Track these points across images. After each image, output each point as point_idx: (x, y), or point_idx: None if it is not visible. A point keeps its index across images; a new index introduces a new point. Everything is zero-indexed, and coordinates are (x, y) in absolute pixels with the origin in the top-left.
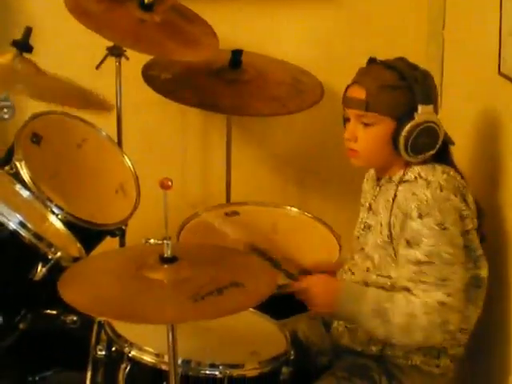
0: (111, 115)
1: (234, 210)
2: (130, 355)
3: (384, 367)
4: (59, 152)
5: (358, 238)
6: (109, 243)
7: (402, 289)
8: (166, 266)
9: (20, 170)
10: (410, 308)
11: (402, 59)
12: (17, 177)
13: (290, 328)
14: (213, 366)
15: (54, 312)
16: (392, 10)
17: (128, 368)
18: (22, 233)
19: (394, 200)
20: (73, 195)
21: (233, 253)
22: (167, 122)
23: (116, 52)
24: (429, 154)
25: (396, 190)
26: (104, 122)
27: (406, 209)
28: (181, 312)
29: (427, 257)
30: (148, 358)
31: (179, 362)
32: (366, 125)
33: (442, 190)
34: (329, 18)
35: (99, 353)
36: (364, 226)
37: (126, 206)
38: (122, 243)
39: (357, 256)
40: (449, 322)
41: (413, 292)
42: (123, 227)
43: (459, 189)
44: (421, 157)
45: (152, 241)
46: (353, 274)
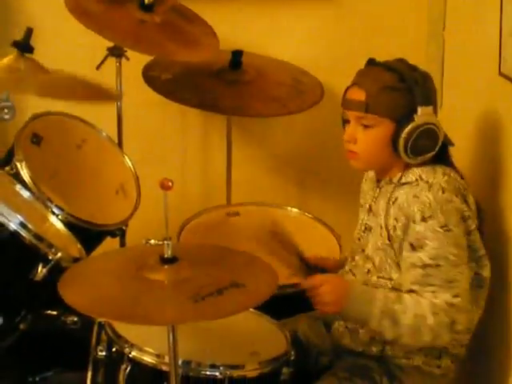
0: (111, 116)
1: (234, 210)
2: (130, 356)
3: (385, 368)
4: (59, 152)
5: (359, 239)
6: (109, 244)
7: (408, 292)
8: (166, 267)
9: (20, 170)
10: (418, 309)
11: (402, 60)
12: (17, 177)
13: (291, 328)
14: (213, 367)
15: (55, 312)
16: (392, 10)
17: (128, 369)
18: (23, 233)
19: (393, 202)
20: (73, 196)
21: (233, 253)
22: (167, 122)
23: (116, 52)
24: (428, 156)
25: (396, 192)
26: (104, 122)
27: (409, 212)
28: (181, 313)
29: (433, 259)
30: (148, 359)
31: (180, 362)
32: (366, 127)
33: (443, 192)
34: (329, 18)
35: (100, 353)
36: (365, 228)
37: (126, 206)
38: (123, 244)
39: (357, 257)
40: (457, 322)
41: (421, 294)
42: (123, 228)
43: (460, 190)
44: (420, 158)
45: (152, 241)
46: (354, 275)
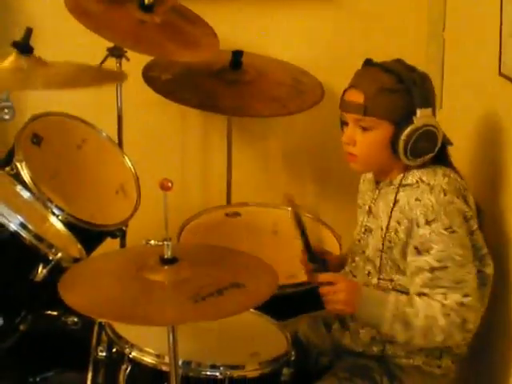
0: (111, 116)
1: (234, 210)
2: (130, 356)
3: (385, 368)
4: (59, 153)
5: (359, 240)
6: (109, 244)
7: (419, 295)
8: (166, 267)
9: (20, 170)
10: (429, 311)
11: (399, 61)
12: (17, 178)
13: (291, 329)
14: (213, 367)
15: (55, 313)
16: (392, 10)
17: (129, 369)
18: (23, 234)
19: (394, 204)
20: (73, 196)
21: (233, 253)
22: (167, 122)
23: (116, 53)
24: (428, 157)
25: (397, 194)
26: (104, 122)
27: (411, 215)
28: (181, 313)
29: (440, 262)
30: (149, 359)
31: (180, 362)
32: (365, 129)
33: (445, 194)
34: (329, 18)
35: (100, 354)
36: (365, 230)
37: (126, 206)
38: (123, 244)
39: (358, 258)
40: (468, 321)
41: (431, 297)
42: (124, 228)
43: (460, 191)
44: (420, 160)
45: (152, 242)
46: (354, 276)
